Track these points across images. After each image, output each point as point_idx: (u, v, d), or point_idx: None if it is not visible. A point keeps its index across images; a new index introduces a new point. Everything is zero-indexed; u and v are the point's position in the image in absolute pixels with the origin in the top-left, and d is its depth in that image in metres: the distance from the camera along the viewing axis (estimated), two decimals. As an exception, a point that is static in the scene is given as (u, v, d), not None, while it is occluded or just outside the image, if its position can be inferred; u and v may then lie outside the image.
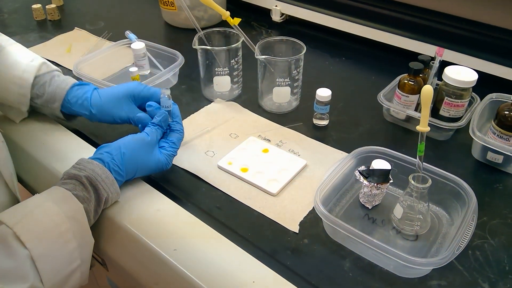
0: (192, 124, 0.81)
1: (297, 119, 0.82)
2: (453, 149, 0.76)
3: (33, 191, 0.75)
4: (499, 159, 0.70)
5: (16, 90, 0.70)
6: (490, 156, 0.71)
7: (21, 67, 0.70)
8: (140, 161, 0.62)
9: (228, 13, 0.79)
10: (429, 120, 0.74)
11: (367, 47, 1.06)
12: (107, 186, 0.58)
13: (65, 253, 0.51)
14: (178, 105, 0.70)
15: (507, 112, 0.68)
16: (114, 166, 0.60)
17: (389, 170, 0.62)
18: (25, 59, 0.71)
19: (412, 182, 0.57)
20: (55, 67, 0.75)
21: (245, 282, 0.52)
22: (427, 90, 0.53)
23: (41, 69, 0.71)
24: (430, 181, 0.57)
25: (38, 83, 0.71)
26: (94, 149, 0.64)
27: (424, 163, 0.61)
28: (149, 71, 0.95)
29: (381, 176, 0.61)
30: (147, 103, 0.68)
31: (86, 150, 0.73)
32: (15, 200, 0.65)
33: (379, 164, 0.62)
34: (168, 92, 0.68)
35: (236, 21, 0.79)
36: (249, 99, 0.88)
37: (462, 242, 0.53)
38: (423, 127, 0.55)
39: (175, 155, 0.67)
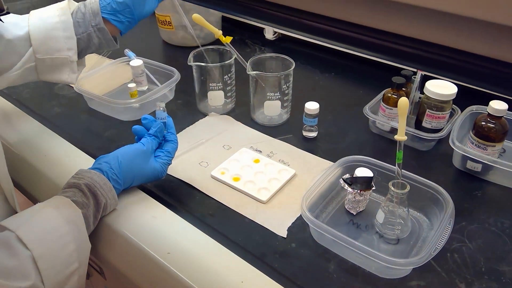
0: (188, 136, 0.85)
1: (287, 131, 0.86)
2: (435, 158, 0.80)
3: (34, 200, 0.78)
4: (478, 167, 0.74)
5: (62, 34, 0.70)
6: (470, 165, 0.74)
7: (55, 13, 0.71)
8: (136, 169, 0.65)
9: (220, 32, 0.84)
10: (412, 132, 0.78)
11: (355, 63, 1.11)
12: (105, 192, 0.61)
13: (64, 255, 0.54)
14: (175, 119, 0.74)
15: (484, 123, 0.73)
16: (112, 175, 0.63)
17: (371, 177, 0.65)
18: (53, 8, 0.72)
19: (392, 188, 0.61)
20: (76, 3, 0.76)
21: (234, 282, 0.55)
22: (403, 102, 0.57)
23: (70, 7, 0.73)
24: (408, 187, 0.61)
25: (74, 15, 0.72)
26: (93, 160, 0.68)
27: (406, 171, 0.65)
28: (147, 87, 0.99)
29: (364, 183, 0.65)
30: (143, 116, 0.71)
31: (86, 161, 0.77)
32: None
33: (362, 172, 0.66)
34: (163, 105, 0.71)
35: (228, 39, 0.84)
36: (242, 112, 0.92)
37: (439, 244, 0.56)
38: (400, 136, 0.58)
39: (170, 164, 0.70)
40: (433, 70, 0.41)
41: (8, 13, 0.69)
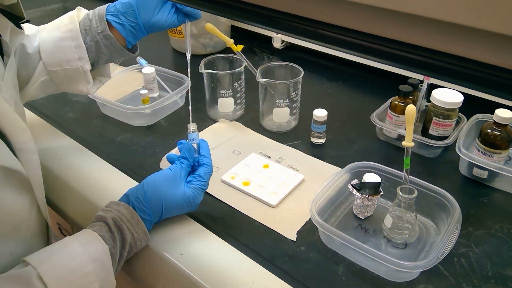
0: (198, 142, 0.87)
1: (295, 137, 0.88)
2: (442, 165, 0.81)
3: (48, 202, 0.79)
4: (484, 174, 0.75)
5: (70, 44, 0.68)
6: (476, 171, 0.76)
7: (64, 22, 0.69)
8: (164, 196, 0.61)
9: (231, 40, 0.86)
10: (419, 139, 0.80)
11: (362, 71, 1.13)
12: (132, 226, 0.58)
13: None
14: (185, 125, 0.75)
15: (490, 131, 0.74)
16: (139, 204, 0.60)
17: (379, 182, 0.67)
18: (63, 17, 0.70)
19: (400, 193, 0.62)
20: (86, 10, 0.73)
21: (245, 283, 0.56)
22: (410, 109, 0.59)
23: (79, 14, 0.71)
24: (416, 192, 0.62)
25: (82, 23, 0.69)
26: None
27: (414, 177, 0.66)
28: (158, 94, 1.02)
29: (372, 189, 0.66)
30: (179, 141, 0.68)
31: (100, 164, 0.78)
32: (45, 224, 0.65)
33: (370, 177, 0.68)
34: (194, 126, 0.69)
35: (239, 47, 0.86)
36: (251, 119, 0.94)
37: (446, 248, 0.57)
38: (408, 143, 0.60)
39: (203, 189, 0.65)
40: (440, 76, 0.42)
41: (27, 21, 0.71)
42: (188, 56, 0.74)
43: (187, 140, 0.68)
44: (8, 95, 0.57)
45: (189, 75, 0.73)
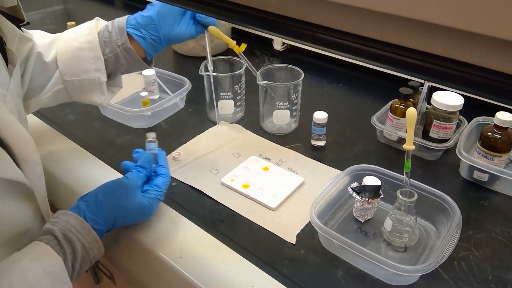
0: (198, 144, 0.87)
1: (296, 140, 0.88)
2: (442, 168, 0.81)
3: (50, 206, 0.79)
4: (485, 177, 0.75)
5: (88, 54, 0.68)
6: (476, 174, 0.75)
7: (83, 33, 0.69)
8: (118, 205, 0.59)
9: (234, 42, 0.86)
10: (420, 142, 0.80)
11: (362, 74, 1.13)
12: (83, 236, 0.55)
13: None
14: (185, 127, 0.76)
15: (490, 134, 0.74)
16: (90, 213, 0.57)
17: (380, 185, 0.67)
18: (81, 27, 0.71)
19: (400, 196, 0.62)
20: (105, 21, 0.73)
21: (244, 287, 0.56)
22: (411, 112, 0.58)
23: (98, 26, 0.71)
24: (416, 196, 0.62)
25: (101, 34, 0.70)
26: (106, 165, 0.68)
27: (414, 180, 0.66)
28: (158, 96, 1.02)
29: (372, 192, 0.66)
30: (134, 150, 0.69)
31: (101, 167, 0.78)
32: None
33: (370, 180, 0.67)
34: (153, 135, 0.69)
35: (242, 47, 0.85)
36: (251, 121, 0.94)
37: (446, 251, 0.57)
38: (408, 146, 0.60)
39: (160, 199, 0.64)
40: (440, 81, 0.42)
41: (28, 23, 0.71)
42: (210, 68, 0.77)
43: (146, 150, 0.68)
44: (13, 105, 0.57)
45: (212, 86, 0.77)
